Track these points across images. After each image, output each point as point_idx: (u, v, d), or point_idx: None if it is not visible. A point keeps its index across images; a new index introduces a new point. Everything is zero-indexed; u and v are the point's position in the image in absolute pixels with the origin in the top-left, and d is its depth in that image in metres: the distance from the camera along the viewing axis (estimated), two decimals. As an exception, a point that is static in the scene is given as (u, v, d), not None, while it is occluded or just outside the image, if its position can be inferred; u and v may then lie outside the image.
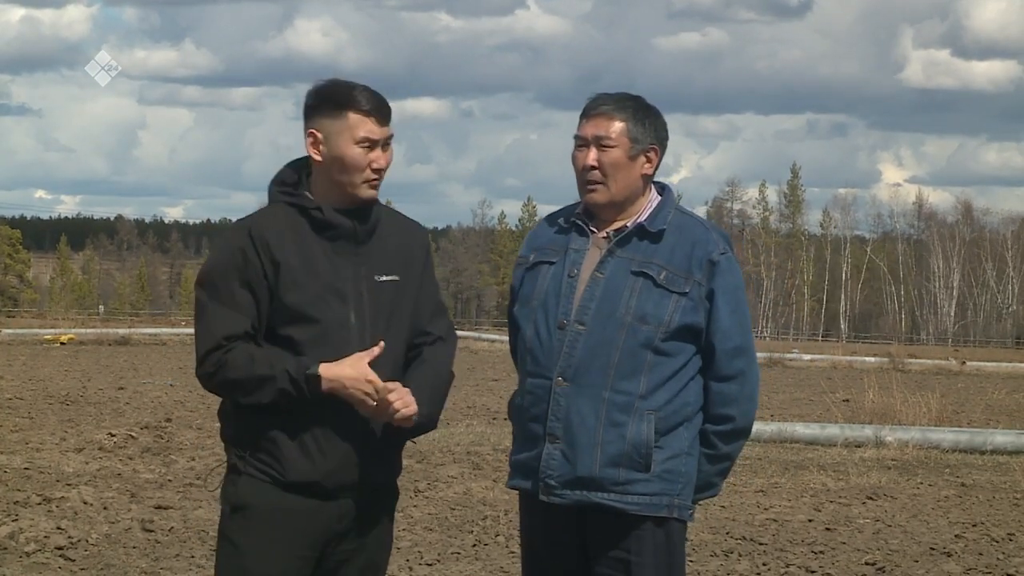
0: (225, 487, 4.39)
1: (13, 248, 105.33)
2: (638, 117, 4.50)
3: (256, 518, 4.31)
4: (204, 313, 4.29)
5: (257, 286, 4.26)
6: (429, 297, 4.51)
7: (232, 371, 4.23)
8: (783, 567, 9.41)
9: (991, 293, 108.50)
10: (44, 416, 17.45)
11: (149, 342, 42.42)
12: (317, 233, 4.32)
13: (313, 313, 4.27)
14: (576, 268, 4.49)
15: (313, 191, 4.37)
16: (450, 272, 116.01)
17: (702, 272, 4.44)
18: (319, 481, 4.31)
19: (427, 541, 9.92)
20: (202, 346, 4.28)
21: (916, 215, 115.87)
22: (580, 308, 4.45)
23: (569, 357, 4.43)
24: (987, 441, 16.65)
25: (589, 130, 4.50)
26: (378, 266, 4.38)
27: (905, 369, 37.95)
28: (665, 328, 4.41)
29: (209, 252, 4.46)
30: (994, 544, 10.42)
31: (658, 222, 4.50)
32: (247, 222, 4.34)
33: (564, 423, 4.44)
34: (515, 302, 4.60)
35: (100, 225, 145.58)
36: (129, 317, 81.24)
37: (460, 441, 15.56)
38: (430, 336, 4.50)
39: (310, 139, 4.33)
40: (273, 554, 4.31)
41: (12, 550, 9.09)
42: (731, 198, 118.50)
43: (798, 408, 23.08)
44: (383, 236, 4.41)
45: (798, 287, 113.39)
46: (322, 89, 4.35)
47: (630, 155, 4.48)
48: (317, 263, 4.30)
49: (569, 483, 4.44)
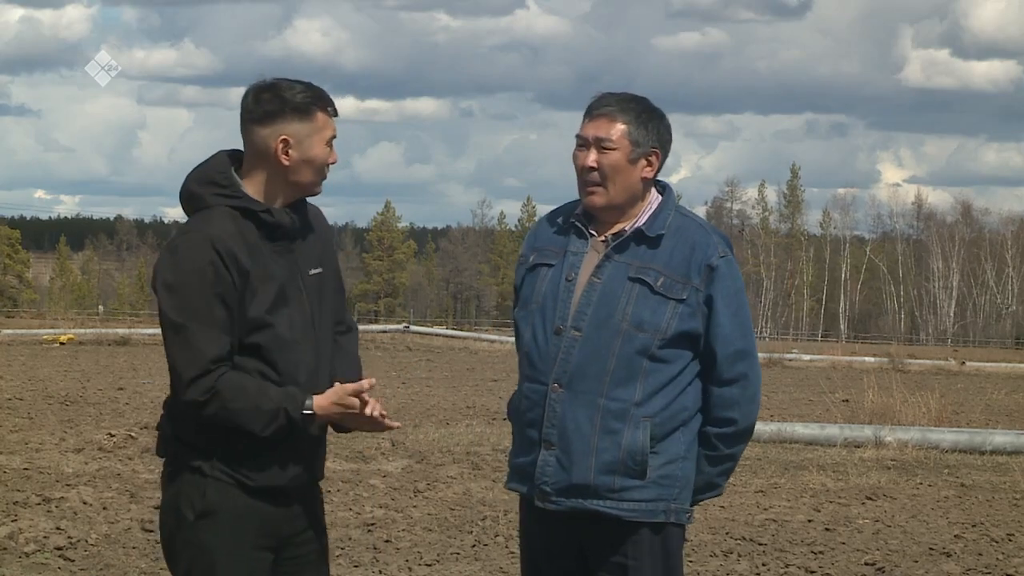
0: (185, 491, 4.31)
1: (12, 248, 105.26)
2: (641, 120, 4.46)
3: (225, 523, 4.29)
4: (184, 334, 4.19)
5: (230, 300, 4.21)
6: (340, 284, 4.55)
7: (228, 402, 4.18)
8: (782, 567, 9.41)
9: (991, 293, 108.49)
10: (44, 416, 17.45)
11: (149, 342, 42.35)
12: (262, 235, 4.29)
13: (272, 318, 4.26)
14: (574, 272, 4.46)
15: (250, 191, 4.32)
16: (450, 272, 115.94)
17: (700, 277, 4.41)
18: (284, 486, 4.34)
19: (426, 541, 9.92)
20: (187, 371, 4.19)
21: (915, 215, 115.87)
22: (577, 314, 4.42)
23: (565, 363, 4.41)
24: (986, 441, 16.66)
25: (590, 130, 4.47)
26: (307, 260, 4.40)
27: (905, 369, 37.93)
28: (662, 335, 4.38)
29: (167, 265, 4.22)
30: (993, 544, 10.42)
31: (657, 226, 4.46)
32: (205, 233, 4.22)
33: (559, 430, 4.42)
34: (516, 304, 4.60)
35: (99, 225, 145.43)
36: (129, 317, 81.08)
37: (460, 441, 15.56)
38: (343, 325, 4.54)
39: (280, 144, 4.28)
40: (243, 558, 4.32)
41: (11, 550, 9.10)
42: (731, 198, 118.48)
43: (797, 408, 23.08)
44: (306, 230, 4.43)
45: (798, 287, 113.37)
46: (280, 91, 4.30)
47: (630, 158, 4.44)
48: (269, 266, 4.28)
49: (564, 490, 4.43)
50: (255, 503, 4.31)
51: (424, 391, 24.01)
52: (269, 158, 4.31)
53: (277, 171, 4.31)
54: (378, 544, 9.73)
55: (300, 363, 4.31)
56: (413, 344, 46.45)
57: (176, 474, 4.34)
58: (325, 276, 4.44)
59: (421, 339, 50.54)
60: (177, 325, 4.21)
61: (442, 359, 37.39)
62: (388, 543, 9.80)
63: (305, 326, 4.33)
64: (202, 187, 4.32)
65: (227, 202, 4.28)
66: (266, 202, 4.31)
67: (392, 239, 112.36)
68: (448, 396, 23.06)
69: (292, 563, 4.43)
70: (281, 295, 4.29)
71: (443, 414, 19.36)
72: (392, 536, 10.02)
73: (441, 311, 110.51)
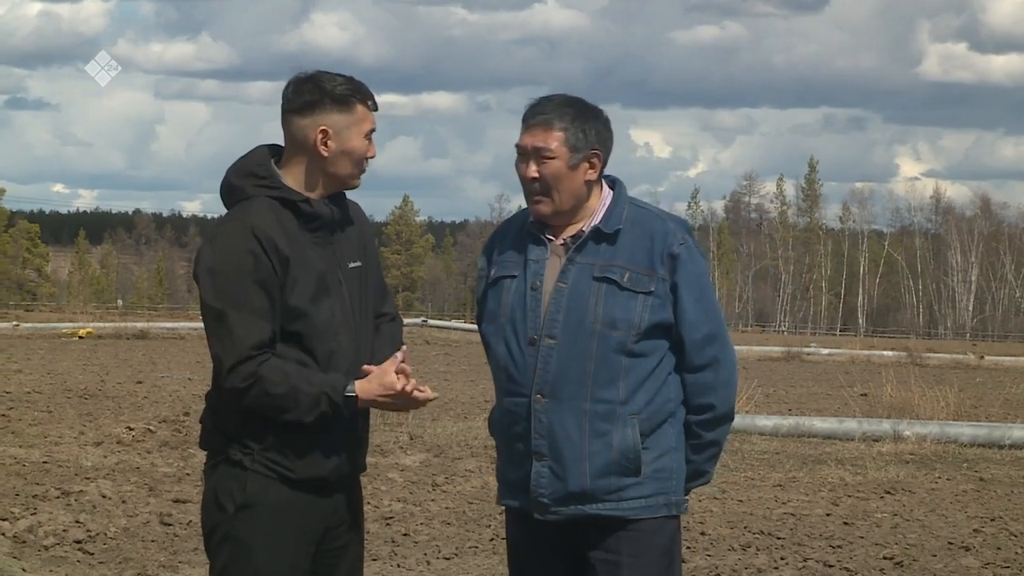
0: (225, 483, 4.31)
1: (31, 242, 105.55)
2: (577, 123, 4.38)
3: (265, 516, 4.27)
4: (225, 322, 4.20)
5: (271, 287, 4.21)
6: (381, 279, 4.56)
7: (271, 387, 4.17)
8: (801, 561, 9.40)
9: (1009, 287, 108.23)
10: (63, 410, 17.49)
11: (167, 336, 42.50)
12: (301, 225, 4.30)
13: (312, 307, 4.26)
14: (538, 280, 4.41)
15: (290, 182, 4.33)
16: (467, 266, 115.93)
17: (664, 267, 4.36)
18: (326, 476, 4.33)
19: (445, 535, 9.93)
20: (229, 357, 4.20)
21: (934, 209, 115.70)
22: (549, 321, 4.36)
23: (544, 373, 4.36)
24: (1005, 435, 16.60)
25: (528, 140, 4.40)
26: (346, 253, 4.40)
27: (923, 363, 37.84)
28: (636, 330, 4.34)
29: (207, 254, 4.25)
30: (1012, 538, 10.40)
31: (613, 222, 4.41)
32: (245, 221, 4.24)
33: (548, 440, 4.37)
34: (483, 319, 4.55)
35: (118, 219, 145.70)
36: (147, 311, 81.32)
37: (477, 435, 15.55)
38: (387, 316, 4.55)
39: (319, 135, 4.28)
40: (283, 551, 4.30)
41: (31, 543, 9.12)
42: (749, 192, 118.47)
43: (816, 402, 23.04)
44: (345, 223, 4.43)
45: (816, 281, 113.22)
46: (321, 82, 4.31)
47: (571, 165, 4.38)
48: (308, 256, 4.29)
49: (562, 499, 4.38)
50: (296, 496, 4.29)
51: (442, 385, 24.02)
52: (308, 149, 4.31)
53: (316, 162, 4.32)
54: (396, 538, 9.74)
55: (340, 353, 4.30)
56: (431, 338, 46.51)
57: (217, 467, 4.34)
58: (365, 270, 4.44)
59: (439, 333, 50.62)
60: (217, 312, 4.21)
61: (460, 353, 37.40)
62: (406, 537, 9.81)
63: (346, 317, 4.33)
64: (242, 179, 4.32)
65: (267, 192, 4.28)
66: (305, 193, 4.32)
67: (410, 233, 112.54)
68: (466, 390, 23.07)
69: (332, 555, 4.41)
70: (322, 285, 4.28)
71: (461, 408, 19.36)
72: (410, 530, 10.03)
73: (459, 305, 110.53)
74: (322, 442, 4.29)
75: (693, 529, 10.23)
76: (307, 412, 4.20)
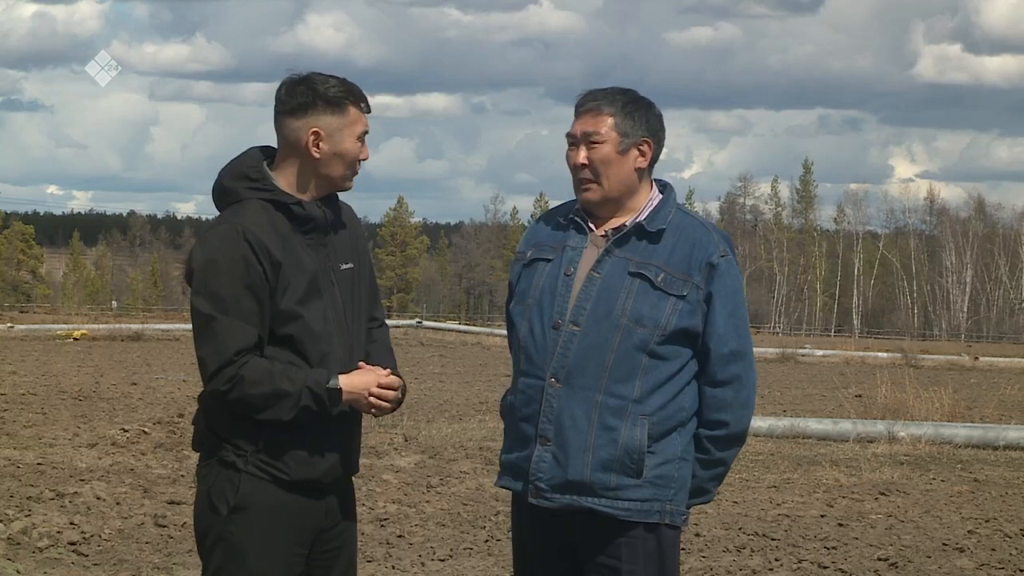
0: (218, 485, 4.30)
1: (26, 243, 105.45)
2: (627, 111, 4.41)
3: (258, 518, 4.27)
4: (211, 327, 4.20)
5: (261, 292, 4.21)
6: (373, 281, 4.56)
7: (250, 387, 4.18)
8: (795, 563, 9.40)
9: (1004, 288, 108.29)
10: (57, 411, 17.48)
11: (162, 338, 42.47)
12: (294, 227, 4.30)
13: (304, 310, 4.26)
14: (573, 266, 4.41)
15: (282, 184, 4.33)
16: (462, 268, 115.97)
17: (701, 275, 4.35)
18: (319, 478, 4.33)
19: (440, 537, 9.93)
20: (213, 362, 4.21)
21: (928, 210, 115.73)
22: (576, 308, 4.36)
23: (563, 358, 4.35)
24: (1000, 436, 16.63)
25: (578, 127, 4.43)
26: (339, 255, 4.40)
27: (918, 364, 37.90)
28: (662, 331, 4.32)
29: (198, 256, 4.24)
30: (1007, 540, 10.40)
31: (657, 221, 4.41)
32: (236, 224, 4.23)
33: (556, 425, 4.37)
34: (512, 298, 4.55)
35: (113, 221, 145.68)
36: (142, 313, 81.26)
37: (473, 437, 15.56)
38: (376, 320, 4.56)
39: (311, 136, 4.28)
40: (276, 553, 4.30)
41: (25, 545, 9.11)
42: (743, 193, 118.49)
43: (810, 403, 23.07)
44: (338, 224, 4.43)
45: (810, 282, 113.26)
46: (313, 84, 4.30)
47: (620, 150, 4.39)
48: (301, 258, 4.29)
49: (559, 487, 4.37)
50: (289, 497, 4.29)
51: (437, 386, 24.03)
52: (300, 150, 4.31)
53: (308, 164, 4.32)
54: (391, 539, 9.74)
55: (332, 355, 4.30)
56: (426, 339, 46.50)
57: (210, 468, 4.34)
58: (358, 272, 4.45)
59: (434, 335, 50.60)
60: (205, 316, 4.21)
61: (455, 354, 37.41)
62: (401, 538, 9.81)
63: (338, 319, 4.34)
64: (234, 181, 4.33)
65: (259, 195, 4.29)
66: (297, 195, 4.32)
67: (405, 235, 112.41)
68: (461, 391, 23.07)
69: (326, 557, 4.42)
70: (313, 287, 4.29)
71: (456, 409, 19.36)
72: (405, 531, 10.03)
73: (454, 306, 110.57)
74: (315, 444, 4.29)
75: (688, 530, 10.23)
76: (289, 409, 4.20)
